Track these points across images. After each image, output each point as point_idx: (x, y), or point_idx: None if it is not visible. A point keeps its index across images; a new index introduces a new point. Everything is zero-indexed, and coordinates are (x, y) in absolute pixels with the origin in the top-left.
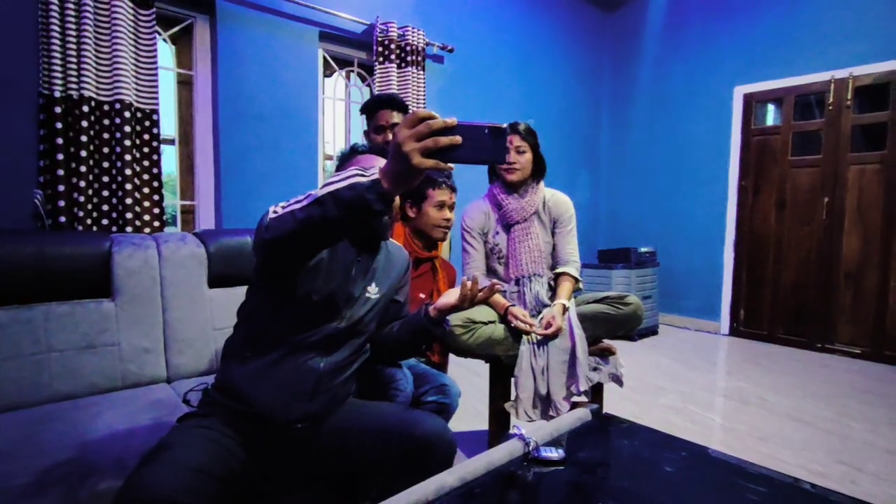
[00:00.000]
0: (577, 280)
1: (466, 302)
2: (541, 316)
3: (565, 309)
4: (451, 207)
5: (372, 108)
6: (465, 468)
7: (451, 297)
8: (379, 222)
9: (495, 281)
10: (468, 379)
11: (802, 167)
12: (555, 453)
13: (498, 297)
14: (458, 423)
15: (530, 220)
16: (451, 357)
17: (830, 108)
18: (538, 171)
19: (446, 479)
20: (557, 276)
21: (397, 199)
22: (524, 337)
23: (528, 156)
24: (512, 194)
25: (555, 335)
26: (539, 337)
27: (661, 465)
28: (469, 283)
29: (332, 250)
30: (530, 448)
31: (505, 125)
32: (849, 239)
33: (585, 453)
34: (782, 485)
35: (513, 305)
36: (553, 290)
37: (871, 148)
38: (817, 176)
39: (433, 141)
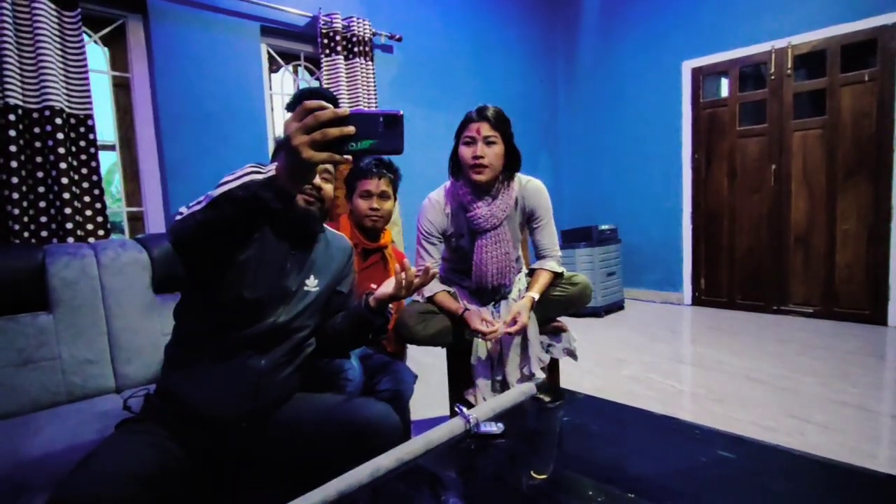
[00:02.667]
0: (556, 274)
1: (403, 290)
2: (509, 310)
3: (534, 303)
4: (382, 196)
5: (296, 105)
6: (402, 449)
7: (388, 286)
8: (309, 216)
9: (429, 265)
10: (435, 366)
11: (750, 137)
12: (495, 428)
13: (449, 301)
14: (425, 410)
15: (501, 225)
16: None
17: (773, 77)
18: (511, 165)
19: (382, 462)
20: (534, 270)
21: (330, 191)
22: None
23: (499, 148)
24: (482, 198)
25: (520, 331)
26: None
27: (600, 430)
28: (402, 273)
29: (262, 247)
30: (471, 425)
31: (400, 112)
32: (797, 203)
33: (526, 425)
34: (713, 438)
35: (468, 310)
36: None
37: (812, 114)
38: (764, 144)
39: (321, 133)
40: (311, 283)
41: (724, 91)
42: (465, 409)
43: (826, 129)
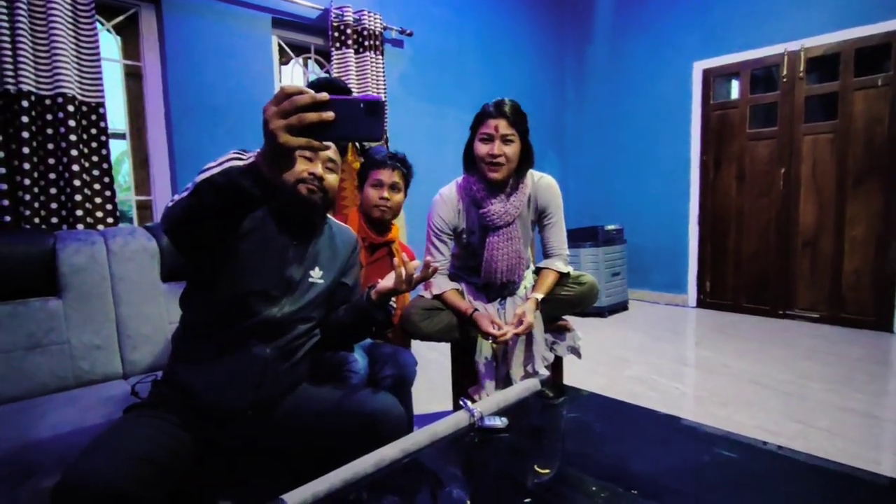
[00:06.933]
0: (562, 274)
1: (403, 285)
2: (515, 309)
3: (538, 304)
4: (394, 187)
5: None
6: (407, 441)
7: (389, 280)
8: (310, 205)
9: (429, 259)
10: (437, 361)
11: (760, 139)
12: (499, 422)
13: (458, 300)
14: (427, 404)
15: (514, 223)
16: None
17: (785, 80)
18: (526, 162)
19: (387, 453)
20: (541, 269)
21: (333, 182)
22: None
23: (517, 146)
24: (496, 195)
25: (526, 332)
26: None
27: (603, 428)
28: (402, 268)
29: (264, 237)
30: (475, 418)
31: (382, 98)
32: (805, 208)
33: (530, 421)
34: (717, 439)
35: (476, 311)
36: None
37: (823, 118)
38: (774, 147)
39: (298, 118)
40: (316, 275)
41: (735, 93)
42: (469, 403)
43: (837, 133)
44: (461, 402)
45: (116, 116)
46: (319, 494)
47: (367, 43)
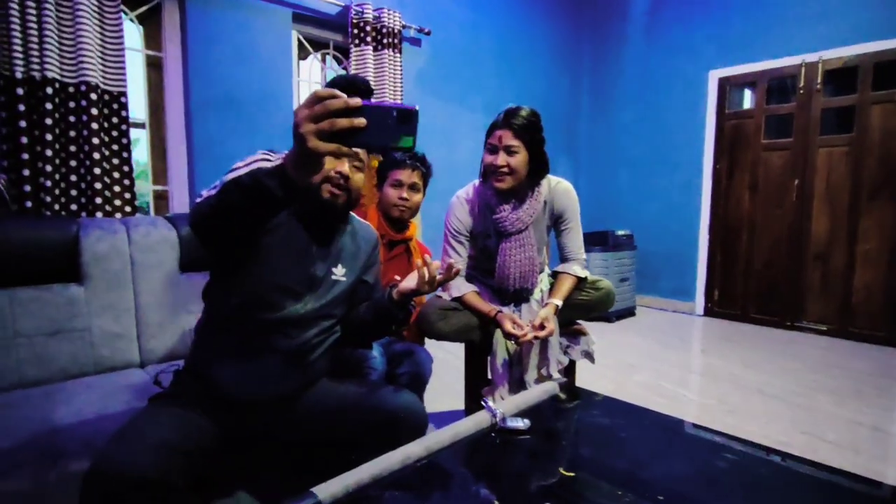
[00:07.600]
0: (579, 279)
1: (426, 286)
2: (531, 312)
3: (557, 309)
4: (413, 187)
5: None
6: (431, 439)
7: (411, 281)
8: (332, 208)
9: (451, 261)
10: (448, 361)
11: (774, 150)
12: (521, 423)
13: (478, 302)
14: (438, 404)
15: (527, 229)
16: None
17: (801, 91)
18: (538, 171)
19: (412, 450)
20: (558, 274)
21: (360, 181)
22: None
23: (522, 156)
24: (508, 201)
25: (547, 336)
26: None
27: (621, 432)
28: (424, 269)
29: (288, 233)
30: (497, 419)
31: (415, 107)
32: (818, 220)
33: (550, 423)
34: (726, 446)
35: (500, 312)
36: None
37: (839, 131)
38: (788, 159)
39: (329, 123)
40: (339, 273)
41: (750, 102)
42: (491, 404)
43: (853, 146)
44: (483, 403)
45: (136, 106)
46: (350, 488)
47: (385, 40)
